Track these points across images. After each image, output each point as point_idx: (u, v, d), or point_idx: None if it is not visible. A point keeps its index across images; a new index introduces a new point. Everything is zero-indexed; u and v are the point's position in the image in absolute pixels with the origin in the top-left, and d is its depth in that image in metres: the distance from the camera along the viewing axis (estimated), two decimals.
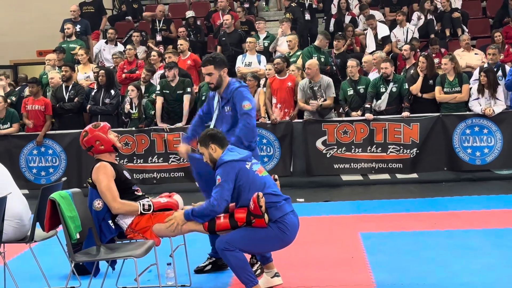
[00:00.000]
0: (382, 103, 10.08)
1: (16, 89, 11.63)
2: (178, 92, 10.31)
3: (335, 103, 10.08)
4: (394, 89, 10.05)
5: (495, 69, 10.03)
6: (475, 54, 11.33)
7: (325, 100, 9.87)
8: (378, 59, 10.58)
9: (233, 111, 5.63)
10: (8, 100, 10.74)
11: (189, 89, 10.38)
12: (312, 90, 9.87)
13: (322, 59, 10.88)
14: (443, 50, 11.82)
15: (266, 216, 4.72)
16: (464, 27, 12.69)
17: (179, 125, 10.27)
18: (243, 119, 5.54)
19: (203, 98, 9.79)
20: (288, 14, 12.83)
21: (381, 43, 12.08)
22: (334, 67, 11.19)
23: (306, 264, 6.00)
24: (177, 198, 5.31)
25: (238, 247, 4.76)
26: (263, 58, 11.31)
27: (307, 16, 12.95)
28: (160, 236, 4.99)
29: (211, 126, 5.72)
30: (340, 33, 11.90)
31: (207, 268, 5.91)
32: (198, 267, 5.95)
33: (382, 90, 10.08)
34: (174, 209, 5.10)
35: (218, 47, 12.16)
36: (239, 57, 11.38)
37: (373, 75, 10.56)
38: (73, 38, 12.77)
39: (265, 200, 4.73)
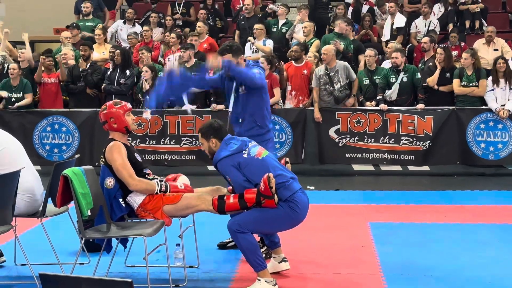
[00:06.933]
0: (393, 93, 10.03)
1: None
2: (193, 73, 10.33)
3: (349, 90, 10.02)
4: (405, 79, 10.00)
5: None
6: (494, 50, 11.17)
7: (347, 93, 9.90)
8: (392, 50, 10.54)
9: (247, 89, 5.64)
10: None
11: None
12: (329, 76, 9.85)
13: (343, 46, 10.70)
14: (462, 44, 11.75)
15: (276, 197, 4.73)
16: (483, 21, 12.60)
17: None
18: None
19: None
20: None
21: (395, 33, 12.02)
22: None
23: (313, 250, 6.02)
24: (183, 179, 5.33)
25: (250, 228, 4.78)
26: (268, 41, 11.27)
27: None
28: (170, 216, 5.02)
29: (229, 110, 5.74)
30: (345, 17, 11.84)
31: (230, 245, 5.98)
32: (221, 242, 6.05)
33: (393, 80, 10.04)
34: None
35: (237, 32, 12.15)
36: (247, 44, 11.38)
37: (385, 65, 10.57)
38: (90, 16, 12.82)
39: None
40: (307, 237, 6.28)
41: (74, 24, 12.26)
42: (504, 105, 9.79)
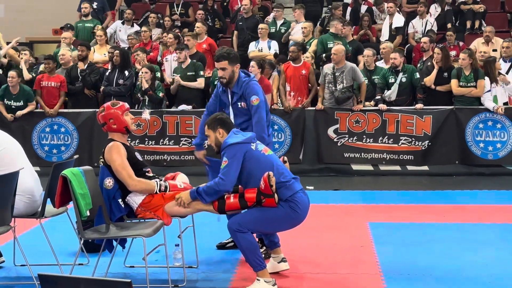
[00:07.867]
0: (392, 93, 10.03)
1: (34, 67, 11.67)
2: (188, 74, 10.39)
3: (352, 92, 9.99)
4: (404, 80, 10.00)
5: (510, 63, 10.00)
6: (493, 50, 11.16)
7: (350, 90, 9.86)
8: (387, 49, 10.53)
9: (247, 106, 5.65)
10: (29, 76, 10.73)
11: (201, 73, 10.44)
12: (334, 75, 9.84)
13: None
14: (461, 43, 11.75)
15: (276, 195, 4.73)
16: (482, 21, 12.61)
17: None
18: (254, 117, 5.58)
19: (215, 82, 9.80)
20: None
21: (394, 33, 12.02)
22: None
23: (313, 250, 6.01)
24: (182, 177, 5.33)
25: (250, 228, 4.78)
26: (273, 43, 11.29)
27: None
28: (171, 215, 5.01)
29: None
30: (342, 17, 11.84)
31: (229, 245, 5.98)
32: (221, 243, 6.05)
33: (391, 80, 10.04)
34: None
35: (235, 32, 12.16)
36: (252, 43, 11.41)
37: (379, 65, 10.56)
38: (89, 17, 12.81)
39: (275, 179, 4.75)
40: (307, 237, 6.28)
41: (68, 25, 12.26)
42: (505, 102, 9.82)
